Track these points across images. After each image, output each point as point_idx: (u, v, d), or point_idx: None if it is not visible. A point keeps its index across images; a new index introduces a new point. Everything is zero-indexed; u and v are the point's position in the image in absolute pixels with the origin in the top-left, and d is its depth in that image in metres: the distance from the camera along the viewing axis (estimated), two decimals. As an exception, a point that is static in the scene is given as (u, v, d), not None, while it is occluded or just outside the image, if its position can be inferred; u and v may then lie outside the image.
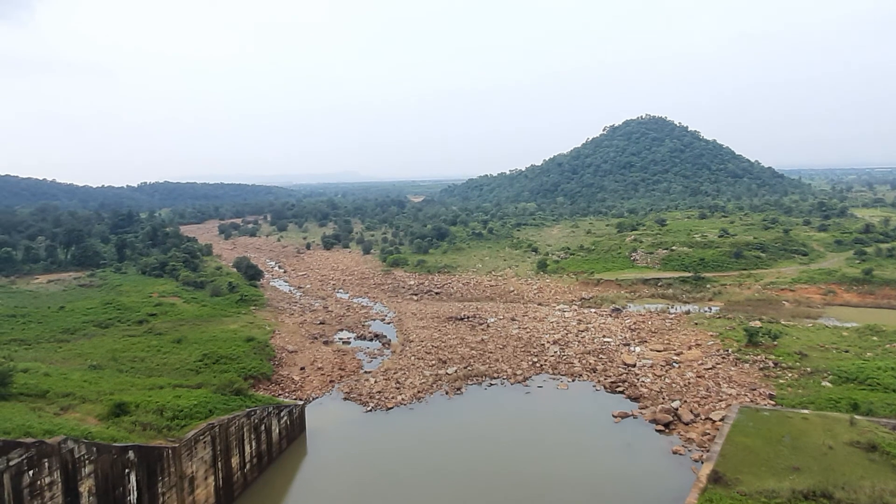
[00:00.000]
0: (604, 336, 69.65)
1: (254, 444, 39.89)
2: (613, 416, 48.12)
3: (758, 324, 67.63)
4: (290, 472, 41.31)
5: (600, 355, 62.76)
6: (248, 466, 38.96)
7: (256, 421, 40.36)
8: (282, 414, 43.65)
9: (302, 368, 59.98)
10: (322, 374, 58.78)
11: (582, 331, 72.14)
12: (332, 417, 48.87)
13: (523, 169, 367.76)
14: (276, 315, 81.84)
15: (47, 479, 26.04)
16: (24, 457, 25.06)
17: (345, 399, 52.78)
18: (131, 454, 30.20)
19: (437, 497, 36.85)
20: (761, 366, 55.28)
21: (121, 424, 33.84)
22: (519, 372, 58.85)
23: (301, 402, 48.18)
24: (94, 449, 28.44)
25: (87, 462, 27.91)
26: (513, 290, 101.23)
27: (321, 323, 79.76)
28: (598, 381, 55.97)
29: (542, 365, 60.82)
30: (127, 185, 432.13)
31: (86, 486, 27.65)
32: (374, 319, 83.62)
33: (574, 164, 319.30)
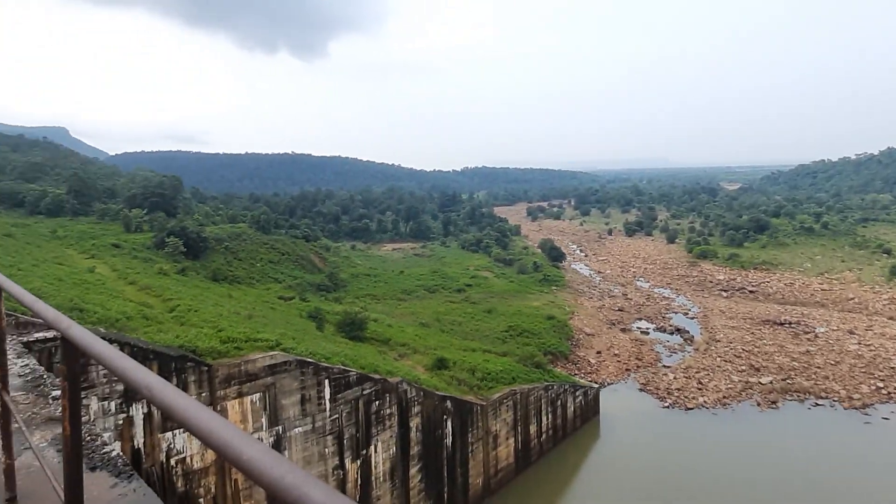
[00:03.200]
0: None
1: (550, 416, 42.03)
2: None
3: None
4: (582, 450, 42.42)
5: (985, 394, 48.44)
6: (543, 436, 41.32)
7: (553, 395, 42.39)
8: (577, 393, 44.92)
9: (598, 352, 60.50)
10: (618, 361, 58.38)
11: (956, 359, 56.52)
12: (626, 406, 48.34)
13: (875, 153, 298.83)
14: (576, 297, 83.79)
15: (388, 411, 31.84)
16: (372, 389, 31.09)
17: (640, 390, 51.58)
18: (449, 403, 34.83)
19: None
20: None
21: (441, 376, 39.22)
22: (856, 396, 49.24)
23: (596, 386, 48.82)
24: (422, 393, 33.64)
25: (416, 403, 33.22)
26: (853, 298, 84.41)
27: (619, 310, 78.93)
28: (979, 427, 43.39)
29: (890, 392, 49.78)
30: (452, 170, 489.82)
31: (415, 423, 32.97)
32: (676, 312, 79.15)
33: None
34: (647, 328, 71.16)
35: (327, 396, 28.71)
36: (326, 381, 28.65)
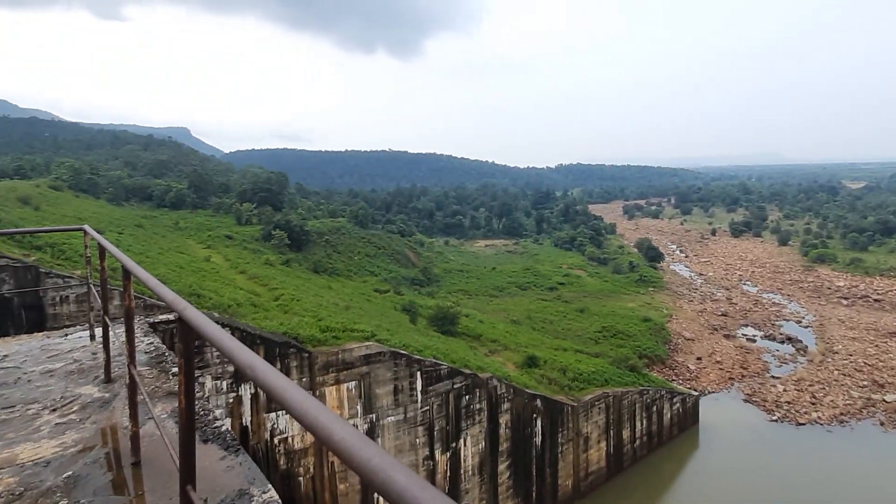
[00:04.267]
0: None
1: (644, 422, 40.50)
2: None
3: None
4: (679, 460, 40.54)
5: None
6: (637, 442, 39.89)
7: (648, 401, 40.80)
8: (674, 400, 42.97)
9: (698, 358, 57.52)
10: (720, 369, 55.19)
11: None
12: (729, 417, 45.61)
13: None
14: (674, 299, 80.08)
15: (477, 406, 32.01)
16: (463, 384, 31.36)
17: (745, 401, 48.48)
18: (539, 402, 34.47)
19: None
20: None
21: (531, 374, 38.88)
22: None
23: (696, 393, 46.47)
24: (512, 390, 33.51)
25: (505, 399, 33.15)
26: None
27: (723, 314, 74.52)
28: None
29: None
30: (546, 167, 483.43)
31: (504, 419, 32.93)
32: (787, 320, 73.55)
33: None
34: (754, 335, 66.69)
35: (419, 388, 29.32)
36: (418, 373, 29.26)
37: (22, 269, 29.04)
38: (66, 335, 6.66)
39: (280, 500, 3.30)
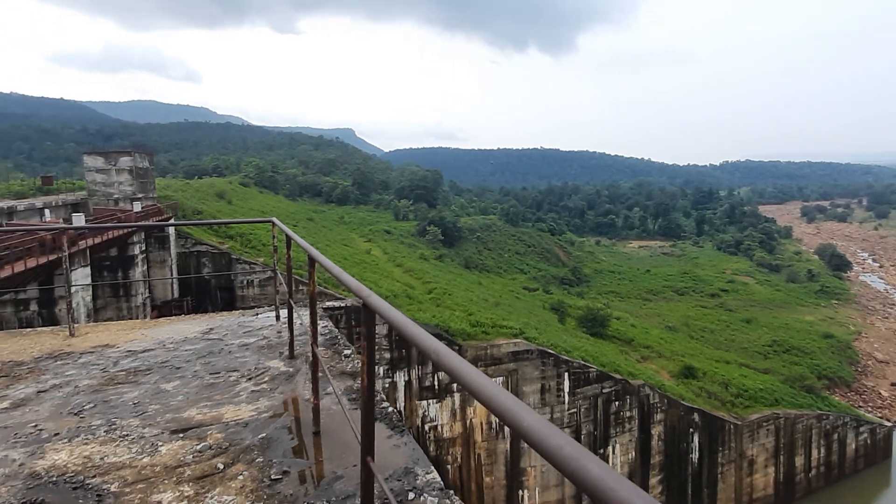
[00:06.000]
0: None
1: (822, 450, 36.11)
2: None
3: None
4: (864, 498, 35.62)
5: None
6: (813, 472, 35.69)
7: (828, 427, 36.28)
8: (861, 429, 37.77)
9: (893, 384, 49.91)
10: (923, 399, 47.39)
11: None
12: (932, 455, 39.09)
13: None
14: (864, 315, 70.18)
15: (628, 413, 30.74)
16: (612, 389, 30.28)
17: (955, 438, 41.17)
18: (696, 416, 32.22)
19: None
20: None
21: (688, 386, 36.41)
22: None
23: (889, 424, 40.46)
24: (666, 401, 31.70)
25: (658, 410, 31.45)
26: None
27: (928, 336, 63.80)
28: None
29: None
30: (709, 164, 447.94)
31: (656, 430, 31.27)
32: None
33: None
34: (971, 362, 56.27)
35: (566, 389, 28.89)
36: (566, 374, 28.84)
37: (218, 255, 33.38)
38: (257, 314, 7.53)
39: (442, 482, 3.45)
